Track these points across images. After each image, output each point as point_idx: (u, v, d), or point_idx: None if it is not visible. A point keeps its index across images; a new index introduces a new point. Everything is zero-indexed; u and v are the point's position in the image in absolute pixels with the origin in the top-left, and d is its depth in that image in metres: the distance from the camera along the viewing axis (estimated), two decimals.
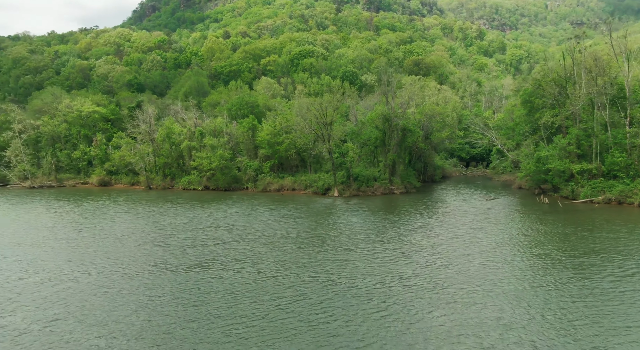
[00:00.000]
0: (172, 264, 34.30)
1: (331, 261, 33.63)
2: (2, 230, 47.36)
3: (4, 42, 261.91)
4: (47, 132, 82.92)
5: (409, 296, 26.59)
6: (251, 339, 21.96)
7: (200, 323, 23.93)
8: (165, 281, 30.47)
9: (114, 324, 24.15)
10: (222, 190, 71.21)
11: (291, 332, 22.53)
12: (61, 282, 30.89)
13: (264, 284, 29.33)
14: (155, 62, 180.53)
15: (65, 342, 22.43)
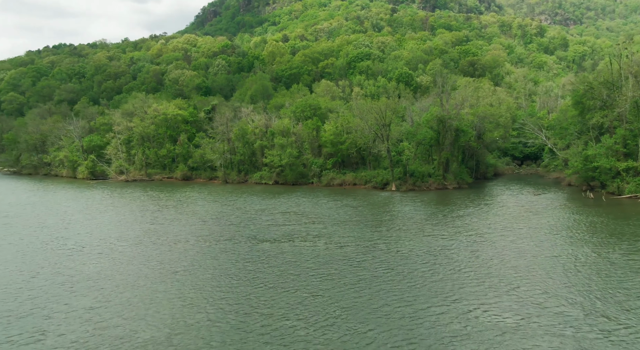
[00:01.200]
0: (262, 238, 43.69)
1: (387, 237, 41.67)
2: (122, 213, 59.22)
3: (84, 50, 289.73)
4: (138, 133, 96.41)
5: (448, 260, 34.15)
6: (336, 283, 30.52)
7: (301, 275, 32.81)
8: (260, 249, 39.81)
9: (237, 271, 33.59)
10: (290, 184, 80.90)
11: (361, 279, 30.89)
12: (182, 245, 41.07)
13: (337, 251, 37.94)
14: (221, 67, 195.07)
15: (211, 278, 32.02)
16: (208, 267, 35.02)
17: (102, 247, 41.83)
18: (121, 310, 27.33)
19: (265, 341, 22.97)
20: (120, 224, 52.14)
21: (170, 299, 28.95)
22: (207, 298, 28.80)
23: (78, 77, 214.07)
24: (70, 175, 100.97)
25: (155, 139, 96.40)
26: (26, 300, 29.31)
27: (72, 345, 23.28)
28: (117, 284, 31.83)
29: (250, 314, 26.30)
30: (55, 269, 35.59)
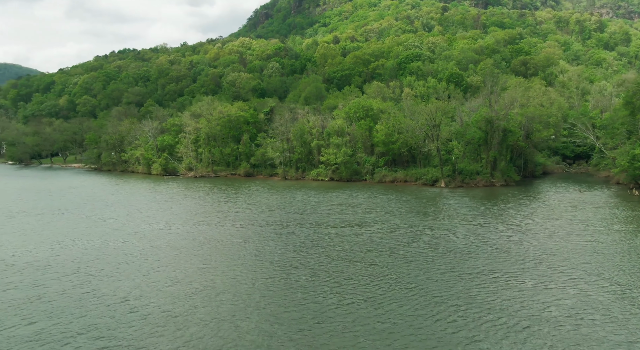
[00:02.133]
0: (324, 224, 50.89)
1: (433, 224, 47.71)
2: (199, 203, 68.44)
3: (147, 54, 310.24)
4: (205, 133, 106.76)
5: (485, 242, 39.84)
6: (388, 256, 37.14)
7: (360, 251, 39.70)
8: (324, 232, 47.00)
9: (308, 247, 40.94)
10: (344, 181, 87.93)
11: (410, 255, 37.31)
12: (258, 227, 48.99)
13: (389, 234, 44.54)
14: (275, 69, 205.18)
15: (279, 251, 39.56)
16: (285, 244, 42.60)
17: (190, 228, 50.54)
18: (223, 271, 35.27)
19: (340, 301, 29.98)
20: (200, 211, 61.10)
21: (259, 266, 36.66)
22: (292, 264, 36.24)
23: (143, 81, 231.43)
24: (145, 172, 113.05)
25: (220, 139, 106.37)
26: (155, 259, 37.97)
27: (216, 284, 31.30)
28: (217, 253, 40.00)
29: (325, 279, 33.43)
30: (155, 242, 44.37)
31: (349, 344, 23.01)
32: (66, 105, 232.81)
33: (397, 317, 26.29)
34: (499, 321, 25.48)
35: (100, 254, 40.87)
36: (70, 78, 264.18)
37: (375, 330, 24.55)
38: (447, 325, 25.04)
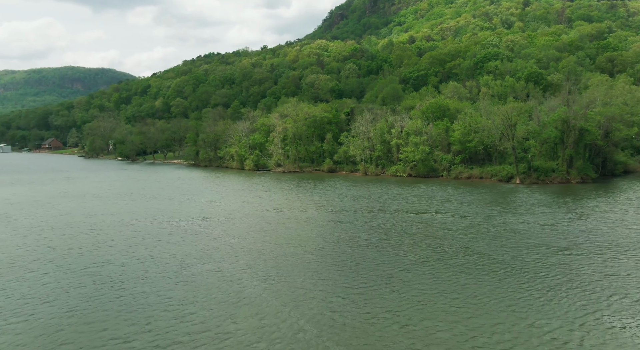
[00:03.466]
0: (405, 210, 59.08)
1: (503, 213, 54.25)
2: (292, 193, 79.36)
3: (230, 58, 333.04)
4: (292, 132, 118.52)
5: (545, 228, 46.03)
6: (460, 235, 44.76)
7: (438, 231, 47.62)
8: (403, 217, 55.30)
9: (391, 228, 49.53)
10: (422, 177, 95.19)
11: (479, 236, 44.62)
12: (345, 213, 58.30)
13: (460, 220, 51.92)
14: (351, 70, 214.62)
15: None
16: (371, 224, 51.53)
17: (293, 212, 61.02)
18: (329, 239, 44.83)
19: (424, 268, 38.34)
20: (296, 199, 71.74)
21: (355, 237, 45.86)
22: (379, 237, 45.06)
23: (229, 83, 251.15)
24: (238, 167, 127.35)
25: (306, 137, 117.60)
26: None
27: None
28: (319, 228, 49.84)
29: (406, 248, 41.89)
30: (273, 220, 55.06)
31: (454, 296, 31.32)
32: (161, 107, 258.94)
33: (471, 273, 34.20)
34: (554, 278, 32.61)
35: (238, 219, 52.33)
36: (164, 82, 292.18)
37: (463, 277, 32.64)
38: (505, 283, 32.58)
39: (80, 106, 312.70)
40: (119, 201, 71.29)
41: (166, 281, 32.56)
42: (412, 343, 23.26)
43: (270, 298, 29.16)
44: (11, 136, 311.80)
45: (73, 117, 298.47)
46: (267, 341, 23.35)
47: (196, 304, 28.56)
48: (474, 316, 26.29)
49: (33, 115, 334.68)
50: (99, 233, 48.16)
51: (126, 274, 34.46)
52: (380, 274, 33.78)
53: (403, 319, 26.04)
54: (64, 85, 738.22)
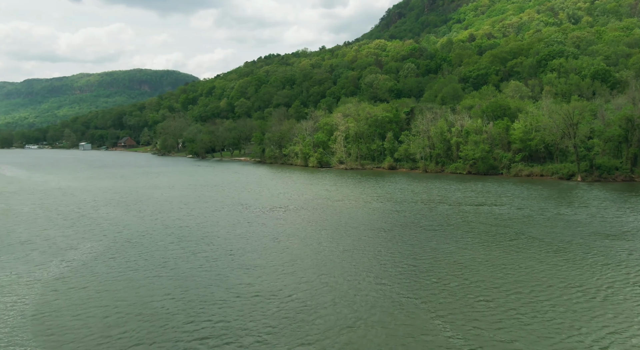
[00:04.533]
0: (463, 203, 63.94)
1: (557, 206, 57.94)
2: (357, 187, 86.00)
3: (290, 59, 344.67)
4: (353, 131, 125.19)
5: (595, 219, 49.57)
6: (514, 223, 49.38)
7: (494, 221, 52.52)
8: (462, 209, 60.29)
9: (452, 216, 54.90)
10: (481, 174, 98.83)
11: (529, 222, 49.06)
12: (407, 204, 64.06)
13: (516, 211, 56.28)
14: (410, 70, 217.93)
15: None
16: (433, 213, 57.10)
17: (361, 203, 67.61)
18: (396, 224, 51.01)
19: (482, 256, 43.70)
20: (361, 191, 78.31)
21: (418, 224, 51.74)
22: (441, 223, 50.69)
23: (290, 84, 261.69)
24: (302, 164, 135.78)
25: (367, 136, 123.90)
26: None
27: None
28: (386, 217, 56.12)
29: (464, 233, 47.25)
30: (345, 208, 61.95)
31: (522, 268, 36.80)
32: (225, 107, 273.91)
33: (519, 251, 39.27)
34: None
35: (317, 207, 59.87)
36: (228, 83, 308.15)
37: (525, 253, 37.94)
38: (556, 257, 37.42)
39: (151, 107, 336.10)
40: (204, 191, 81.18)
41: (265, 251, 40.24)
42: (471, 297, 29.17)
43: (350, 266, 35.94)
44: (90, 135, 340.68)
45: (145, 117, 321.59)
46: (357, 296, 30.07)
47: (294, 265, 35.93)
48: (518, 281, 31.69)
49: (109, 115, 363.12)
50: (199, 216, 57.20)
51: (233, 245, 42.56)
52: (442, 251, 39.69)
53: (471, 280, 31.96)
54: (132, 87, 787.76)
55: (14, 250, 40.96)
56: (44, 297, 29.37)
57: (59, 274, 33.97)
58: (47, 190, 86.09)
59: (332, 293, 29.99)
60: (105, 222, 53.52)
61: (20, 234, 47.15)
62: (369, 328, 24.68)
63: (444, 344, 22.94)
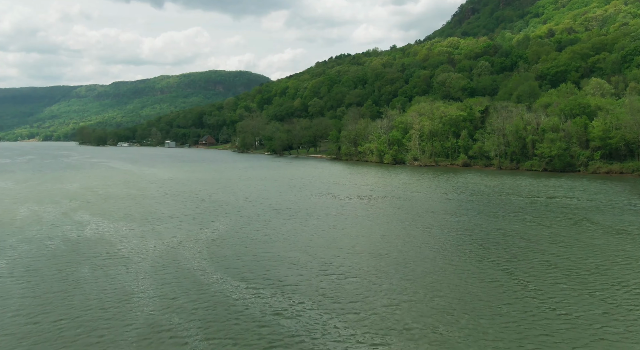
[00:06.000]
0: (535, 195, 68.73)
1: (632, 199, 61.41)
2: (436, 180, 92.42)
3: (361, 59, 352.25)
4: (428, 129, 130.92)
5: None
6: (591, 214, 54.08)
7: (561, 209, 57.49)
8: (535, 200, 65.23)
9: (526, 207, 60.39)
10: (557, 171, 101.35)
11: (597, 212, 53.47)
12: (484, 196, 69.78)
13: (587, 203, 60.51)
14: (484, 68, 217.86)
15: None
16: (506, 204, 62.72)
17: (438, 195, 74.37)
18: (472, 211, 57.54)
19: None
20: (436, 184, 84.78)
21: (493, 212, 57.84)
22: (514, 211, 56.51)
23: (362, 83, 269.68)
24: (377, 161, 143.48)
25: (441, 134, 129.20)
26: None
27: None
28: (461, 206, 62.64)
29: (533, 218, 52.80)
30: (420, 200, 69.14)
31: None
32: (299, 106, 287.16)
33: (581, 232, 44.69)
34: None
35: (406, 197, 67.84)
36: (301, 83, 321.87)
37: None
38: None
39: (228, 107, 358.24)
40: (293, 183, 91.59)
41: (360, 225, 48.79)
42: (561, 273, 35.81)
43: (437, 253, 43.56)
44: (174, 133, 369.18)
45: (223, 117, 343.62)
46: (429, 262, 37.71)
47: (383, 238, 44.19)
48: (583, 255, 37.72)
49: (190, 115, 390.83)
50: (297, 201, 67.03)
51: (334, 221, 51.54)
52: (515, 232, 46.11)
53: (544, 254, 38.52)
54: (208, 87, 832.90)
55: (166, 221, 52.75)
56: (212, 248, 39.83)
57: (215, 236, 44.75)
58: (160, 180, 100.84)
59: (437, 257, 37.99)
60: (223, 205, 64.84)
61: (164, 212, 59.37)
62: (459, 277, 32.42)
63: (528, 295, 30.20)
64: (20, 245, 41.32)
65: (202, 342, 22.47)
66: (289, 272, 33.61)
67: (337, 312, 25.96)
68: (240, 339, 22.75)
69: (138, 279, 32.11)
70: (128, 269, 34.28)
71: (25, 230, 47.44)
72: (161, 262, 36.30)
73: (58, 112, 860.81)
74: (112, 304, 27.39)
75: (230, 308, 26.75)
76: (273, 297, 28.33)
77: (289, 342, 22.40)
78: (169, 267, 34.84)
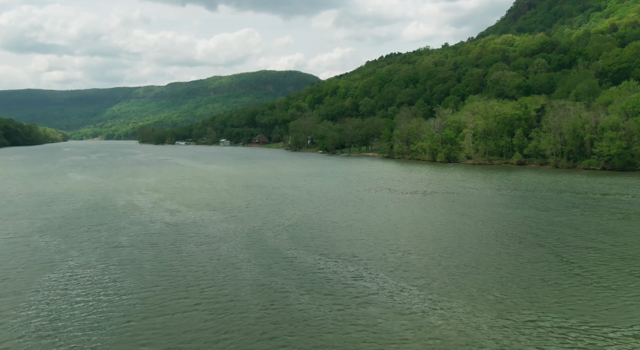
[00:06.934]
0: (590, 192, 70.73)
1: None
2: (490, 177, 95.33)
3: (412, 57, 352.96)
4: (481, 128, 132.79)
5: None
6: (635, 206, 56.24)
7: (620, 205, 59.73)
8: (590, 197, 67.41)
9: (580, 202, 63.00)
10: (617, 170, 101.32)
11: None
12: (538, 192, 72.48)
13: (635, 199, 62.23)
14: (540, 65, 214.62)
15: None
16: (560, 201, 65.43)
17: (489, 191, 77.64)
18: (528, 205, 60.95)
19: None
20: (487, 183, 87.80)
21: (548, 207, 60.98)
22: (565, 207, 59.42)
23: (413, 82, 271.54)
24: (430, 159, 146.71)
25: (495, 133, 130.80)
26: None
27: None
28: (515, 201, 66.02)
29: (584, 210, 55.61)
30: (475, 195, 72.80)
31: None
32: (350, 106, 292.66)
33: (634, 225, 47.46)
34: None
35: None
36: (352, 83, 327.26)
37: None
38: None
39: (280, 106, 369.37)
40: (350, 179, 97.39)
41: (410, 216, 53.80)
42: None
43: (490, 238, 47.91)
44: (228, 133, 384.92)
45: (275, 116, 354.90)
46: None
47: (441, 225, 49.02)
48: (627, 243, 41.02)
49: (243, 114, 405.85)
50: (361, 195, 72.76)
51: (387, 212, 56.84)
52: (565, 222, 49.61)
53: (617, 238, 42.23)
54: (258, 87, 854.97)
55: (244, 210, 60.00)
56: (289, 231, 46.29)
57: (289, 223, 51.40)
58: (226, 175, 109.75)
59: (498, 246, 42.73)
60: (289, 197, 71.57)
61: (239, 202, 66.91)
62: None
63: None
64: (131, 226, 49.60)
65: (304, 296, 28.72)
66: (360, 250, 39.45)
67: (405, 279, 31.52)
68: (334, 294, 28.83)
69: (236, 252, 39.00)
70: (225, 245, 41.31)
71: (130, 215, 56.03)
72: (249, 240, 43.15)
73: (119, 112, 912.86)
74: (222, 269, 34.29)
75: (317, 274, 32.93)
76: (351, 267, 34.27)
77: (372, 298, 28.21)
78: (257, 245, 41.58)
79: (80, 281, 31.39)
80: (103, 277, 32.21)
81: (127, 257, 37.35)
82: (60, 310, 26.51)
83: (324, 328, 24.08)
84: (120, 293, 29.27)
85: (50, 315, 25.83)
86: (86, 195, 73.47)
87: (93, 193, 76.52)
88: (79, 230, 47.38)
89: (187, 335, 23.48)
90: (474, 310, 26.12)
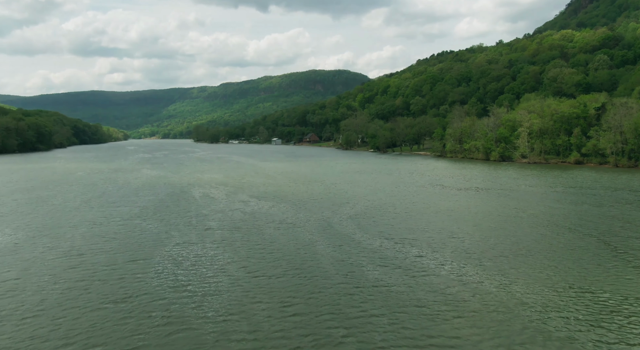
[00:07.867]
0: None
1: None
2: (549, 176, 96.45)
3: (464, 55, 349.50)
4: (537, 127, 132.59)
5: None
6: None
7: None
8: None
9: (634, 200, 64.26)
10: None
11: None
12: (588, 189, 73.74)
13: None
14: (602, 62, 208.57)
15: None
16: (614, 199, 66.76)
17: (545, 188, 79.45)
18: (589, 202, 63.01)
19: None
20: (542, 181, 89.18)
21: (602, 203, 62.74)
22: (618, 203, 60.99)
23: (466, 81, 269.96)
24: (483, 158, 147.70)
25: (552, 131, 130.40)
26: None
27: None
28: (565, 198, 68.00)
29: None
30: (528, 194, 75.04)
31: None
32: (401, 105, 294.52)
33: None
34: None
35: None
36: (402, 82, 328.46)
37: None
38: None
39: (330, 106, 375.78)
40: (403, 176, 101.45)
41: (466, 209, 57.52)
42: None
43: (545, 229, 51.06)
44: (279, 132, 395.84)
45: (325, 115, 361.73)
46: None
47: (497, 217, 52.59)
48: None
49: (294, 114, 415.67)
50: (414, 190, 76.98)
51: (444, 205, 60.81)
52: (616, 216, 51.89)
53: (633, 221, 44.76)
54: (307, 87, 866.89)
55: (309, 202, 65.90)
56: (355, 220, 51.59)
57: (352, 213, 56.75)
58: (283, 172, 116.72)
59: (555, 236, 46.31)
60: (348, 192, 76.93)
61: (302, 195, 73.00)
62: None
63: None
64: (214, 214, 56.62)
65: (377, 268, 33.98)
66: (421, 235, 44.19)
67: (463, 259, 36.06)
68: (402, 267, 33.95)
69: (310, 235, 44.76)
70: (300, 230, 47.20)
71: (209, 206, 63.26)
72: (320, 226, 48.82)
73: (174, 112, 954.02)
74: (302, 247, 40.10)
75: (385, 252, 38.08)
76: (413, 249, 39.14)
77: (436, 271, 33.08)
78: (329, 230, 47.16)
79: (188, 255, 38.09)
80: (206, 252, 38.83)
81: (219, 237, 43.97)
82: (182, 273, 33.14)
83: (398, 290, 29.23)
84: (224, 262, 35.67)
85: (176, 278, 32.46)
86: (165, 188, 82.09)
87: (171, 186, 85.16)
88: (171, 216, 54.88)
89: (285, 293, 29.27)
90: (526, 283, 30.40)
